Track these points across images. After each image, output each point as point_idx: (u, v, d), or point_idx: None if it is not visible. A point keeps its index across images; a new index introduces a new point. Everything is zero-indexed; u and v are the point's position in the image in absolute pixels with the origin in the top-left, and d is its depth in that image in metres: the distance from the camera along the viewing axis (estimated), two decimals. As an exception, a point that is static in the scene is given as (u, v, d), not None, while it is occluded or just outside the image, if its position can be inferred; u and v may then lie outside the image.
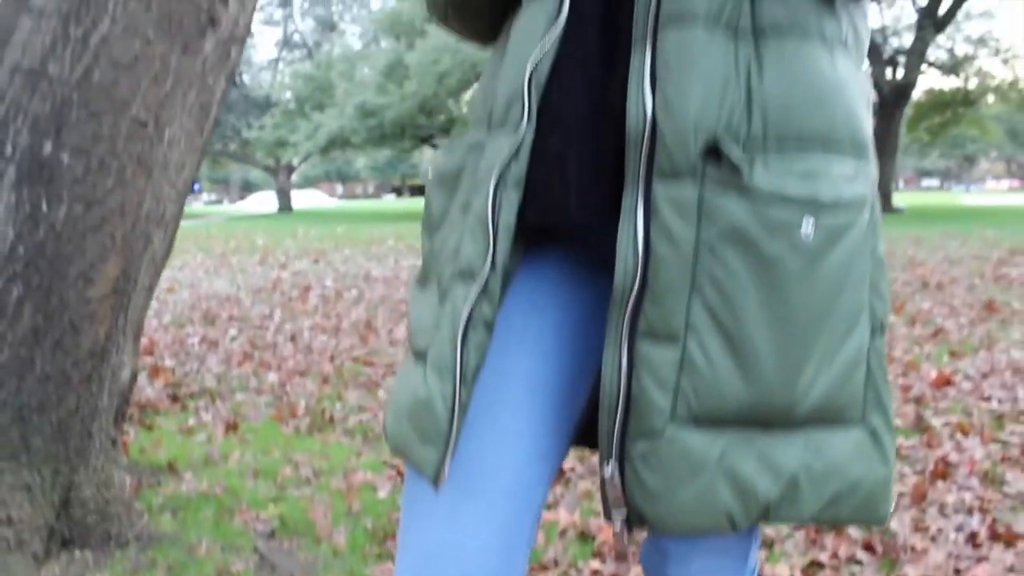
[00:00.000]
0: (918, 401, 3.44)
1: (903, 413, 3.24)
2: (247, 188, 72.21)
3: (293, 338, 5.36)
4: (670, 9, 0.73)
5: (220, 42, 2.27)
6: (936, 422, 3.13)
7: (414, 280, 0.91)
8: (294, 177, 40.91)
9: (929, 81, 27.63)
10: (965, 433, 3.00)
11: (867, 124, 0.82)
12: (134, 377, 2.58)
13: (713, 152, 0.72)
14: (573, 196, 0.79)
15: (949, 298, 6.25)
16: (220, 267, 10.58)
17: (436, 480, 0.78)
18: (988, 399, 3.45)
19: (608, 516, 0.80)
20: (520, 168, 0.78)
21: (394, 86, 24.87)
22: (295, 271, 9.97)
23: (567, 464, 2.74)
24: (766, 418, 0.76)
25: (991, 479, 2.60)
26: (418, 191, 68.52)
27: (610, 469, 0.77)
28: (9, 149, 2.05)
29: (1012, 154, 70.18)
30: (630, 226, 0.74)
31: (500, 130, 0.81)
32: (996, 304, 5.82)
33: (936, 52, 26.08)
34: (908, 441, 2.95)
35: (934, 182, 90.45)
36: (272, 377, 4.22)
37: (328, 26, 44.89)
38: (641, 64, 0.74)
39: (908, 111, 26.43)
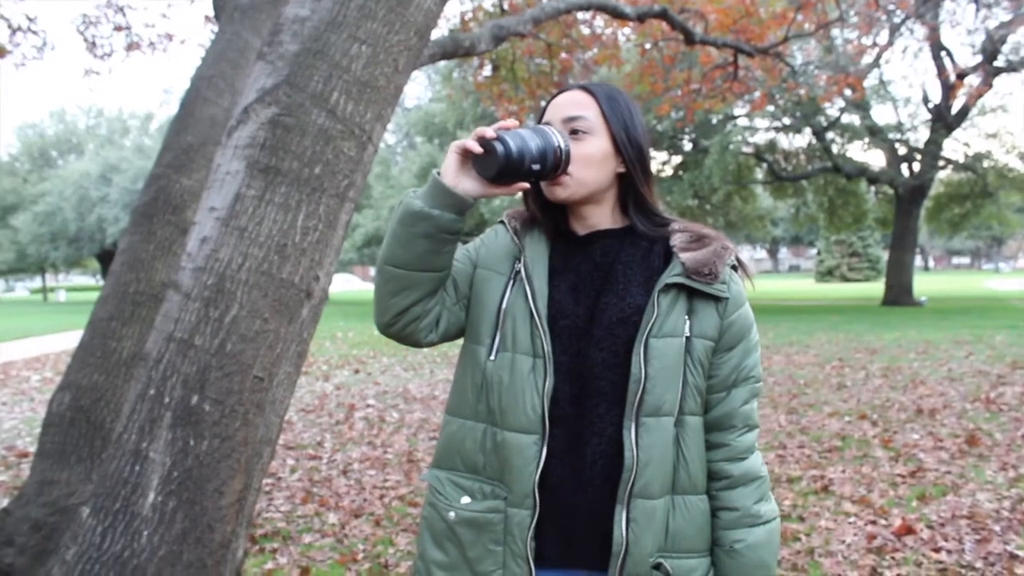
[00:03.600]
0: (879, 551, 4.07)
1: (861, 565, 3.87)
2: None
3: (345, 472, 6.09)
4: (640, 487, 1.44)
5: (312, 306, 3.06)
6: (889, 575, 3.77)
7: None
8: (330, 267, 42.35)
9: (947, 172, 27.90)
10: (910, 586, 3.63)
11: None
12: (245, 554, 3.31)
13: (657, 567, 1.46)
14: None
15: (938, 427, 6.85)
16: (269, 380, 11.37)
17: None
18: (939, 550, 4.07)
19: None
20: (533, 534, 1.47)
21: (428, 187, 26.09)
22: (338, 383, 10.76)
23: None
24: None
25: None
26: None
27: None
28: (167, 399, 2.82)
29: (1041, 233, 70.24)
30: None
31: (519, 507, 1.47)
32: (979, 436, 6.41)
33: (953, 144, 26.56)
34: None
35: (965, 260, 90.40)
36: (332, 518, 4.93)
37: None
38: (620, 516, 1.44)
39: (928, 202, 26.95)
